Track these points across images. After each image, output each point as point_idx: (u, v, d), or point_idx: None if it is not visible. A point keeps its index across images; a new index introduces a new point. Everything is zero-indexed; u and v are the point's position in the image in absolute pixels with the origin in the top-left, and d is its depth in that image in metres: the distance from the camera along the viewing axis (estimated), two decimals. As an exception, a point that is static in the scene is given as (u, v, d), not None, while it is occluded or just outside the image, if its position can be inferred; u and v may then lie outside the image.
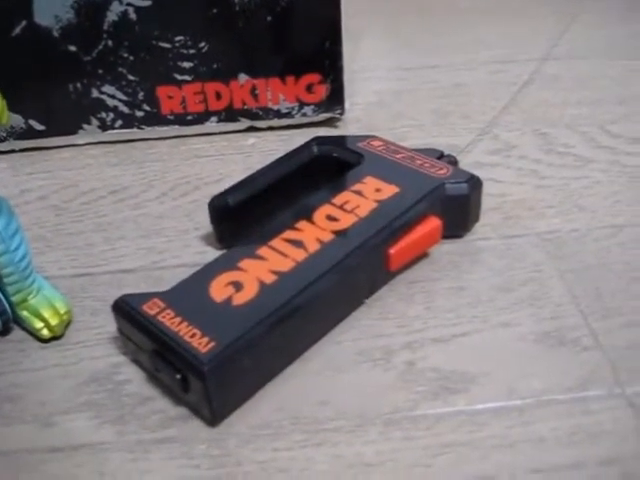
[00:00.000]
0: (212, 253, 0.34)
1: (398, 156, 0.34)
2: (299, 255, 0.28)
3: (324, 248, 0.29)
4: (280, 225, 0.30)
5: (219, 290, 0.27)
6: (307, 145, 0.35)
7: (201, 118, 0.42)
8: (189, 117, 0.41)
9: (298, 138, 0.41)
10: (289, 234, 0.29)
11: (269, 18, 0.38)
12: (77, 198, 0.38)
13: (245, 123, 0.42)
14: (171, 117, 0.41)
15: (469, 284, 0.31)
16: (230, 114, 0.41)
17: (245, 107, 0.41)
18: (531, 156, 0.39)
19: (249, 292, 0.27)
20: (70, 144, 0.42)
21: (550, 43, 0.51)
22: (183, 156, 0.41)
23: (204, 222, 0.35)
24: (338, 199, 0.31)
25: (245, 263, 0.28)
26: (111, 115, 0.41)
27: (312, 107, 0.41)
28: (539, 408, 0.26)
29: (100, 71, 0.40)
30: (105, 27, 0.39)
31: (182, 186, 0.38)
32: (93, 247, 0.35)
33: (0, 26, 0.38)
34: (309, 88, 0.41)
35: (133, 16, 0.38)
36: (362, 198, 0.31)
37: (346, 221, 0.30)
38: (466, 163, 0.38)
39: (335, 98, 0.41)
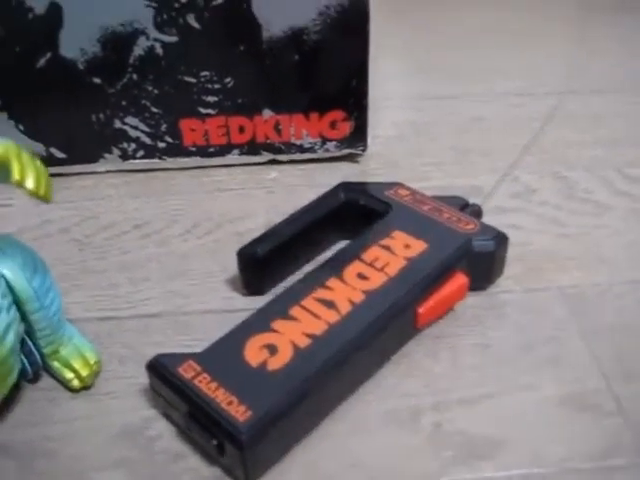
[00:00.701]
0: (238, 299, 0.34)
1: (425, 208, 0.34)
2: (331, 317, 0.29)
3: (355, 310, 0.29)
4: (311, 282, 0.30)
5: (254, 353, 0.27)
6: (334, 192, 0.36)
7: (223, 150, 0.41)
8: (211, 149, 0.41)
9: (319, 173, 0.42)
10: (320, 293, 0.30)
11: (296, 56, 0.38)
12: (99, 232, 0.38)
13: (267, 156, 0.42)
14: (193, 149, 0.41)
15: (493, 341, 0.32)
16: (252, 147, 0.41)
17: (268, 141, 0.41)
18: (552, 201, 0.39)
19: (283, 357, 0.27)
20: (90, 171, 0.42)
21: (567, 73, 0.51)
22: (205, 189, 0.41)
23: (229, 264, 0.35)
24: (368, 255, 0.31)
25: (278, 324, 0.29)
26: (133, 145, 0.41)
27: (335, 143, 0.41)
28: (563, 476, 0.27)
29: (124, 103, 0.40)
30: (131, 61, 0.38)
31: (205, 223, 0.39)
32: (118, 288, 0.35)
33: (25, 57, 0.38)
34: (333, 124, 0.41)
35: (160, 51, 0.38)
36: (391, 255, 0.31)
37: (376, 280, 0.30)
38: (488, 208, 0.38)
39: (358, 135, 0.41)
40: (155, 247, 0.37)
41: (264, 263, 0.33)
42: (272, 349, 0.28)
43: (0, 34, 0.37)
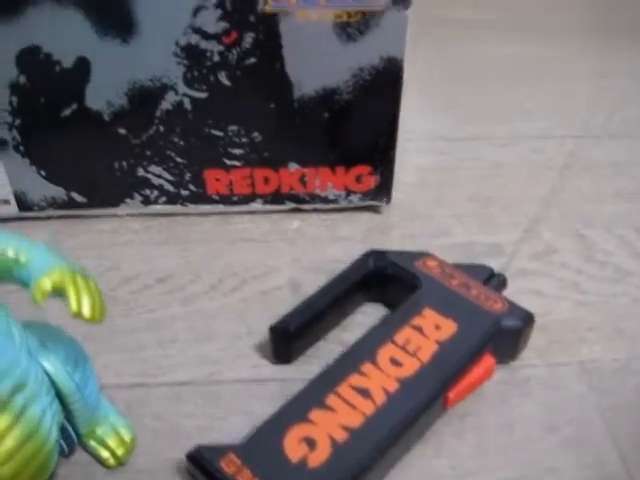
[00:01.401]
0: (267, 368, 0.34)
1: (454, 282, 0.34)
2: (367, 408, 0.29)
3: (390, 401, 0.30)
4: (346, 367, 0.31)
5: (293, 447, 0.28)
6: (363, 260, 0.36)
7: (247, 199, 0.41)
8: (235, 198, 0.41)
9: (342, 224, 0.42)
10: (355, 380, 0.30)
11: (326, 114, 0.38)
12: (123, 285, 0.38)
13: (290, 205, 0.42)
14: (216, 197, 0.41)
15: (517, 420, 0.33)
16: (276, 197, 0.41)
17: (292, 192, 0.41)
18: (572, 264, 0.40)
19: (322, 453, 0.28)
20: (110, 214, 0.42)
21: (587, 114, 0.51)
22: (228, 238, 0.41)
23: (256, 327, 0.36)
24: (400, 337, 0.32)
25: (315, 415, 0.29)
26: (155, 192, 0.41)
27: (359, 195, 0.41)
28: None
29: (148, 153, 0.39)
30: (158, 114, 0.38)
31: (230, 278, 0.39)
32: (146, 350, 0.35)
33: (50, 107, 0.37)
34: (358, 178, 0.41)
35: (188, 106, 0.37)
36: (423, 337, 0.32)
37: (409, 367, 0.31)
38: (510, 271, 0.39)
39: (383, 188, 0.41)
40: (181, 305, 0.37)
41: (295, 336, 0.34)
42: (311, 443, 0.28)
43: (25, 85, 0.36)
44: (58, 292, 0.23)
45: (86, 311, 0.23)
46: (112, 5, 0.34)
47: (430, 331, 0.33)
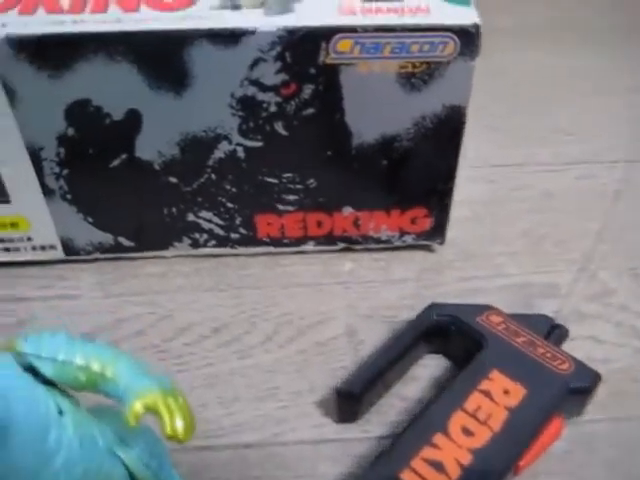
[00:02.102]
0: (330, 427, 0.34)
1: (519, 340, 0.34)
2: (443, 484, 0.29)
3: (465, 473, 0.29)
4: (419, 437, 0.30)
5: (372, 529, 0.28)
6: (425, 315, 0.35)
7: (298, 242, 0.40)
8: (285, 240, 0.40)
9: (395, 265, 0.41)
10: (428, 452, 0.30)
11: (384, 162, 0.37)
12: (177, 336, 0.38)
13: (342, 245, 0.41)
14: (267, 240, 0.40)
15: (586, 478, 0.33)
16: (329, 239, 0.40)
17: (345, 234, 0.40)
18: (631, 307, 0.39)
19: (403, 536, 0.28)
20: (158, 256, 0.41)
21: (635, 136, 0.50)
22: (280, 282, 0.40)
23: (316, 383, 0.35)
24: (469, 403, 0.32)
25: (392, 493, 0.29)
26: (205, 236, 0.40)
27: (413, 236, 0.40)
28: None
29: (199, 199, 0.38)
30: (210, 163, 0.36)
31: (285, 327, 0.38)
32: (207, 409, 0.35)
33: (99, 157, 0.36)
34: (413, 220, 0.39)
35: (242, 155, 0.36)
36: (493, 403, 0.31)
37: (481, 436, 0.30)
38: (567, 313, 0.38)
39: (438, 229, 0.40)
40: (238, 359, 0.37)
41: (360, 398, 0.33)
42: (390, 525, 0.28)
43: (74, 137, 0.35)
44: (150, 411, 0.22)
45: (180, 433, 0.22)
46: (166, 60, 0.32)
47: (499, 397, 0.32)
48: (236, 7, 0.33)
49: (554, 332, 0.36)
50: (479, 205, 0.45)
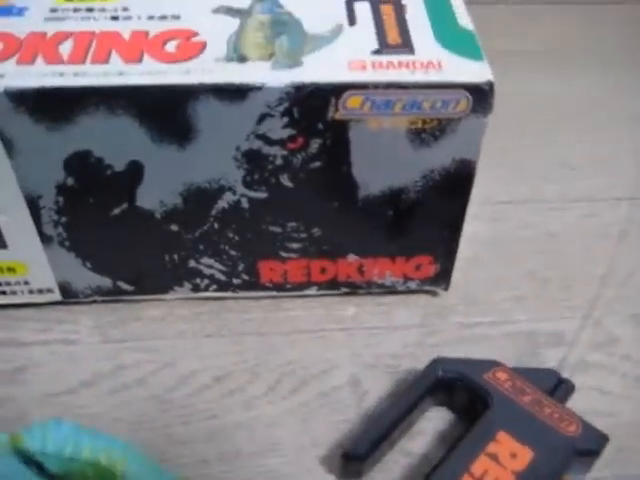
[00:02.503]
0: (335, 486, 0.34)
1: (526, 399, 0.33)
2: None
3: None
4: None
5: None
6: (430, 370, 0.35)
7: (301, 287, 0.40)
8: (288, 286, 0.40)
9: (398, 309, 0.40)
10: (437, 521, 0.30)
11: (390, 212, 0.36)
12: (180, 386, 0.37)
13: (345, 290, 0.40)
14: (269, 285, 0.39)
15: (590, 541, 0.33)
16: (332, 284, 0.40)
17: (349, 280, 0.39)
18: (634, 356, 0.39)
19: None
20: (158, 299, 0.40)
21: (636, 169, 0.49)
22: (282, 329, 0.39)
23: (320, 436, 0.35)
24: (476, 467, 0.31)
25: None
26: (206, 281, 0.39)
27: (417, 282, 0.40)
28: None
29: (201, 247, 0.37)
30: (213, 212, 0.35)
31: (288, 378, 0.37)
32: (209, 465, 0.34)
33: (99, 206, 0.35)
34: (418, 267, 0.39)
35: (245, 205, 0.35)
36: (499, 467, 0.31)
37: (489, 505, 0.30)
38: (572, 363, 0.38)
39: (442, 275, 0.39)
40: (241, 410, 0.36)
41: (366, 459, 0.33)
42: None
43: (73, 187, 0.34)
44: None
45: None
46: (170, 114, 0.31)
47: (506, 460, 0.32)
48: (243, 59, 0.32)
49: (560, 387, 0.35)
50: (483, 245, 0.44)
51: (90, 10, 0.35)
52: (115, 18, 0.34)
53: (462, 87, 0.31)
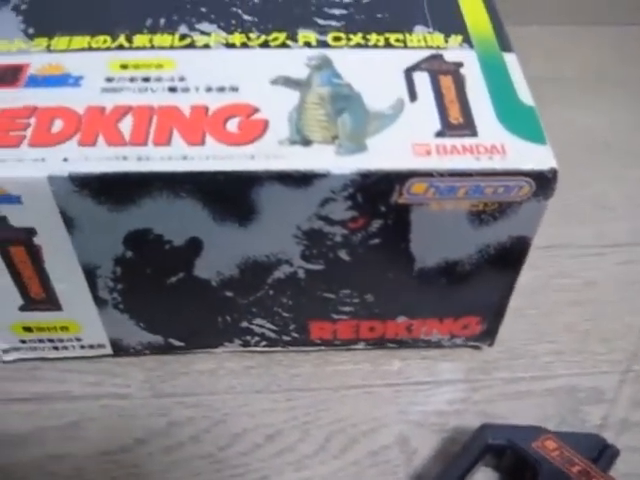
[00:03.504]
0: None
1: (574, 470, 0.34)
2: None
3: None
4: None
5: None
6: (479, 436, 0.36)
7: (349, 343, 0.40)
8: (337, 342, 0.40)
9: (444, 364, 0.41)
10: None
11: (444, 280, 0.36)
12: (233, 444, 0.38)
13: (392, 346, 0.41)
14: (318, 341, 0.40)
15: None
16: (379, 341, 0.40)
17: (397, 337, 0.40)
18: (674, 414, 0.40)
19: None
20: (206, 352, 0.41)
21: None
22: (330, 384, 0.40)
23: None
24: (528, 541, 0.33)
25: None
26: (256, 338, 0.39)
27: (463, 338, 0.40)
28: None
29: (254, 309, 0.37)
30: (269, 281, 0.36)
31: (338, 435, 0.38)
32: (267, 526, 0.35)
33: (155, 276, 0.35)
34: (465, 326, 0.39)
35: (302, 275, 0.35)
36: (551, 542, 0.33)
37: None
38: (613, 422, 0.39)
39: (488, 333, 0.40)
40: (294, 470, 0.37)
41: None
42: None
43: (131, 259, 0.34)
44: None
45: None
46: (234, 198, 0.31)
47: (557, 535, 0.33)
48: (307, 142, 0.32)
49: (605, 452, 0.36)
50: (523, 295, 0.43)
51: (146, 80, 0.34)
52: (173, 90, 0.34)
53: (525, 174, 0.32)
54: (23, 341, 0.39)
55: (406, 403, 0.40)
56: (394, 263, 0.35)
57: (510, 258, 0.35)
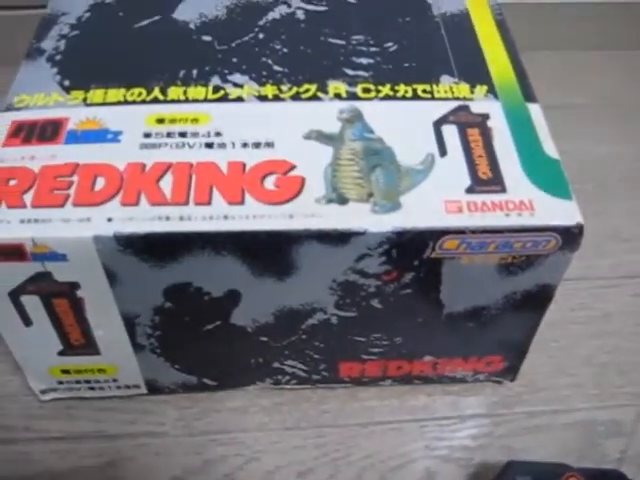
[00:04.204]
0: None
1: (599, 505, 0.36)
2: None
3: None
4: None
5: None
6: (506, 476, 0.37)
7: (376, 380, 0.41)
8: (365, 379, 0.41)
9: (467, 398, 0.42)
10: None
11: (470, 323, 0.37)
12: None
13: (418, 382, 0.42)
14: (346, 379, 0.41)
15: None
16: (406, 378, 0.41)
17: (422, 374, 0.41)
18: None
19: None
20: (238, 388, 0.42)
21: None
22: (358, 420, 0.41)
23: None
24: None
25: None
26: (287, 377, 0.41)
27: (486, 374, 0.42)
28: None
29: (286, 352, 0.39)
30: (303, 327, 0.37)
31: (368, 472, 0.39)
32: None
33: (193, 324, 0.36)
34: (489, 364, 0.41)
35: (334, 321, 0.36)
36: None
37: None
38: (632, 455, 0.40)
39: (511, 370, 0.41)
40: (329, 510, 0.39)
41: None
42: None
43: (170, 309, 0.35)
44: None
45: None
46: (273, 255, 0.33)
47: None
48: (343, 201, 0.33)
49: (625, 487, 0.38)
50: (541, 328, 0.45)
51: (183, 135, 0.35)
52: (209, 145, 0.35)
53: (553, 230, 0.33)
54: (60, 382, 0.40)
55: (432, 438, 0.41)
56: (424, 309, 0.37)
57: (535, 303, 0.37)
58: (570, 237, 0.33)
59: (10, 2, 0.61)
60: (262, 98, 0.37)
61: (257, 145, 0.35)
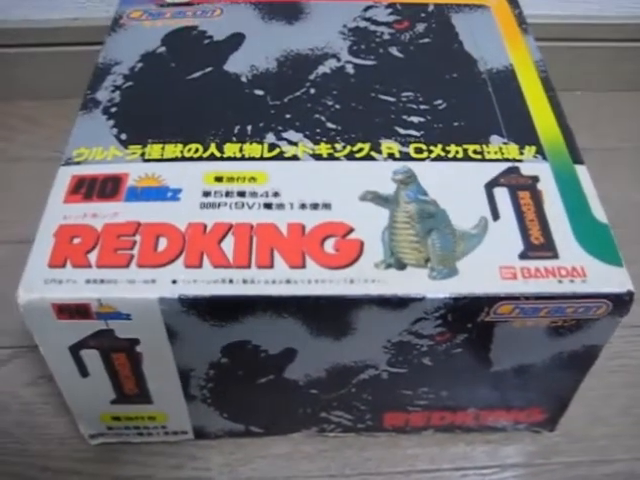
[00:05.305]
0: None
1: None
2: None
3: None
4: None
5: None
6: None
7: (419, 429, 0.42)
8: (408, 428, 0.42)
9: (505, 448, 0.43)
10: None
11: (515, 379, 0.38)
12: (312, 529, 0.40)
13: (459, 432, 0.43)
14: (390, 428, 0.42)
15: None
16: (448, 428, 0.42)
17: (464, 424, 0.42)
18: None
19: None
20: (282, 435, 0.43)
21: None
22: (401, 468, 0.42)
23: None
24: None
25: None
26: (332, 426, 0.41)
27: (526, 424, 0.42)
28: None
29: (335, 404, 0.39)
30: (354, 382, 0.38)
31: (411, 521, 0.40)
32: None
33: (246, 377, 0.37)
34: (529, 415, 0.41)
35: (385, 377, 0.37)
36: None
37: None
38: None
39: (551, 421, 0.42)
40: None
41: None
42: None
43: (226, 364, 0.36)
44: None
45: None
46: (333, 319, 0.33)
47: None
48: (401, 266, 0.33)
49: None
50: (579, 377, 0.47)
51: (242, 194, 0.36)
52: (268, 206, 0.35)
53: (604, 297, 0.33)
54: (110, 428, 0.41)
55: (473, 496, 0.42)
56: (472, 367, 0.37)
57: (581, 362, 0.37)
58: (621, 303, 0.34)
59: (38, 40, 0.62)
60: (317, 157, 0.38)
61: (315, 206, 0.36)
